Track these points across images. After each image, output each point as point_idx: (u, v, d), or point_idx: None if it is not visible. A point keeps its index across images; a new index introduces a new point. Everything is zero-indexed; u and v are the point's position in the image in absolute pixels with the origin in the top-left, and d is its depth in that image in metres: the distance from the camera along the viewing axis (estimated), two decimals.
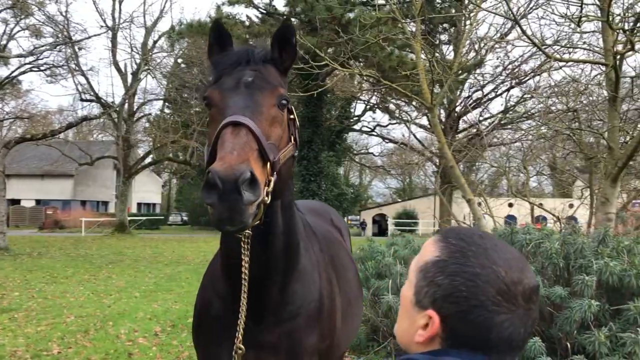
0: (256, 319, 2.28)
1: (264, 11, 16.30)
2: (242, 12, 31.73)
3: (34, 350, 7.06)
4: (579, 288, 4.95)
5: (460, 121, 33.11)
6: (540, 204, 14.11)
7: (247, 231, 1.91)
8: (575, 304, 4.87)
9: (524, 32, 6.22)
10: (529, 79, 29.22)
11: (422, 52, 7.98)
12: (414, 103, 35.14)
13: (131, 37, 43.29)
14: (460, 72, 9.11)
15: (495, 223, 8.85)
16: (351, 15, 12.35)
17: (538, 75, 28.55)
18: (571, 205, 16.62)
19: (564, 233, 5.98)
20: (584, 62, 7.63)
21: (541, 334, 5.16)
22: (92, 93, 33.24)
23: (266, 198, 1.73)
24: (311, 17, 13.38)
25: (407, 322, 1.20)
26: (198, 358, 2.53)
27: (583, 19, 5.99)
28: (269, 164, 1.78)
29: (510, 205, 22.25)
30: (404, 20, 7.77)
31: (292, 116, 2.14)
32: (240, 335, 2.08)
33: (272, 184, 1.78)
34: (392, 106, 38.15)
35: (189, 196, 52.20)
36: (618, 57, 7.03)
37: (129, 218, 36.75)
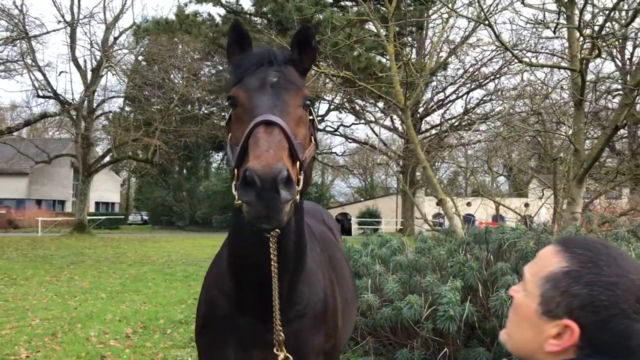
0: (263, 318, 2.28)
1: (230, 10, 16.14)
2: (205, 10, 31.77)
3: (1, 355, 6.85)
4: None
5: (423, 122, 33.55)
6: (500, 204, 14.47)
7: (276, 230, 1.91)
8: None
9: (497, 37, 6.37)
10: (489, 82, 29.91)
11: (396, 54, 8.07)
12: (379, 104, 35.56)
13: (91, 33, 42.32)
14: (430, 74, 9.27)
15: (463, 222, 9.03)
16: (321, 16, 12.36)
17: (497, 78, 29.31)
18: (526, 205, 17.09)
19: (537, 232, 6.15)
20: (555, 67, 7.86)
21: None
22: (49, 90, 32.31)
23: (297, 197, 1.74)
24: (281, 18, 13.33)
25: (530, 332, 1.21)
26: (201, 358, 2.50)
27: (559, 26, 6.17)
28: (298, 163, 1.80)
29: (469, 204, 22.73)
30: (379, 23, 7.82)
31: (311, 117, 2.15)
32: (278, 324, 2.09)
33: (300, 183, 1.80)
34: (357, 107, 38.45)
35: (150, 195, 51.33)
36: (584, 62, 7.28)
37: (88, 217, 35.89)
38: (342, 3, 16.57)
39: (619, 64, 15.71)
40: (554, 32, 6.59)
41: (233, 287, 2.31)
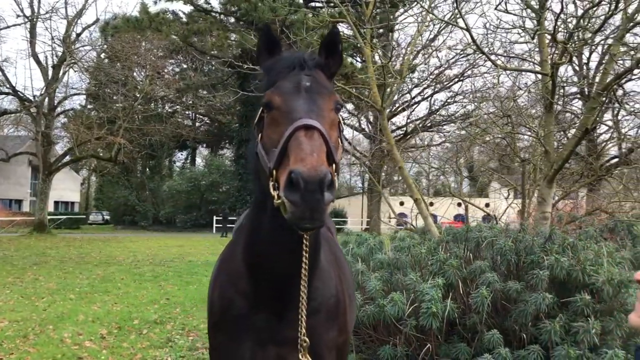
0: (279, 315, 2.33)
1: (200, 8, 16.02)
2: (175, 8, 31.21)
3: None
4: (534, 282, 5.29)
5: (389, 123, 33.88)
6: (470, 203, 14.78)
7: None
8: (531, 297, 5.20)
9: (474, 40, 6.54)
10: (453, 84, 30.43)
11: (373, 55, 8.17)
12: (348, 105, 35.74)
13: (52, 28, 41.21)
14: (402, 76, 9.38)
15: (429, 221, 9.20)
16: (295, 17, 12.38)
17: (461, 80, 29.87)
18: (487, 205, 17.48)
19: (514, 231, 6.34)
20: (528, 71, 8.11)
21: (497, 327, 5.46)
22: (8, 86, 31.38)
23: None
24: (254, 18, 13.31)
25: None
26: (214, 357, 2.52)
27: (538, 32, 6.38)
28: (334, 165, 1.85)
29: (432, 204, 23.12)
30: (360, 25, 7.90)
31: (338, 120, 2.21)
32: (303, 329, 2.14)
33: (335, 184, 1.85)
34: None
35: (112, 195, 50.37)
36: (555, 67, 7.53)
37: (48, 217, 34.99)
38: (312, 4, 16.62)
39: (577, 68, 16.21)
40: (532, 38, 6.80)
41: (249, 285, 2.35)
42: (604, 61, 13.28)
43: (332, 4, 15.55)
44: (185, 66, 46.47)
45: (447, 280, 5.56)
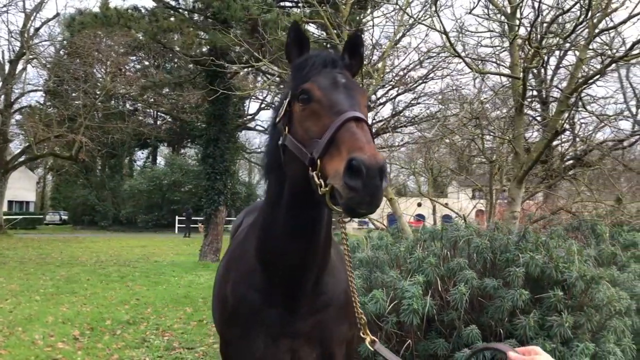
0: (292, 308, 2.40)
1: (168, 5, 15.86)
2: (139, 5, 30.57)
3: None
4: (510, 279, 5.47)
5: None
6: (438, 203, 15.08)
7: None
8: (508, 293, 5.38)
9: (451, 44, 6.71)
10: (417, 86, 30.78)
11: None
12: None
13: (9, 22, 39.97)
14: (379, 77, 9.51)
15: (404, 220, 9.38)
16: (268, 16, 12.40)
17: (425, 82, 30.26)
18: (446, 205, 17.80)
19: (489, 229, 6.53)
20: (502, 75, 8.34)
21: (474, 322, 5.62)
22: None
23: None
24: (227, 16, 13.25)
25: None
26: (228, 351, 2.55)
27: (516, 37, 6.60)
28: None
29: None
30: (345, 27, 8.00)
31: None
32: (359, 309, 2.21)
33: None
34: None
35: (70, 194, 49.18)
36: (526, 70, 7.77)
37: (3, 217, 33.92)
38: (283, 3, 16.66)
39: (535, 72, 16.70)
40: (511, 43, 7.02)
41: (263, 281, 2.40)
42: (561, 65, 13.78)
43: (302, 4, 15.60)
44: (147, 63, 45.77)
45: (427, 278, 5.70)
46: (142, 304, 10.47)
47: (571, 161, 12.65)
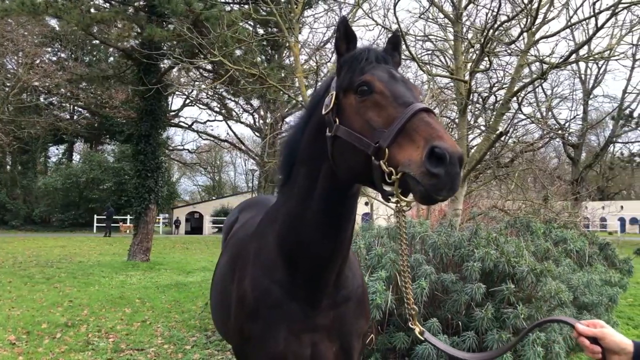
0: (313, 302, 2.41)
1: None
2: None
3: None
4: (467, 273, 5.71)
5: (284, 122, 34.15)
6: (376, 199, 15.38)
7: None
8: (466, 287, 5.62)
9: (407, 48, 6.91)
10: None
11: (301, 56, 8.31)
12: (241, 103, 35.52)
13: None
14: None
15: None
16: (210, 12, 12.10)
17: None
18: (366, 204, 18.32)
19: (444, 227, 6.77)
20: (451, 77, 8.64)
21: (431, 316, 5.82)
22: None
23: None
24: (167, 10, 12.86)
25: None
26: (248, 347, 2.51)
27: (474, 43, 6.87)
28: None
29: None
30: (301, 27, 8.01)
31: None
32: (411, 299, 2.22)
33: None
34: (218, 105, 38.03)
35: None
36: (472, 74, 8.12)
37: None
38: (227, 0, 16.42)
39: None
40: (472, 47, 7.32)
41: (285, 275, 2.40)
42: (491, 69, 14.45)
43: (242, 2, 15.46)
44: (63, 55, 43.62)
45: (387, 273, 5.85)
46: (77, 305, 10.02)
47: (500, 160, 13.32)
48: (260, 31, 16.17)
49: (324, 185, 2.24)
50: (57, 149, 55.51)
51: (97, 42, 34.94)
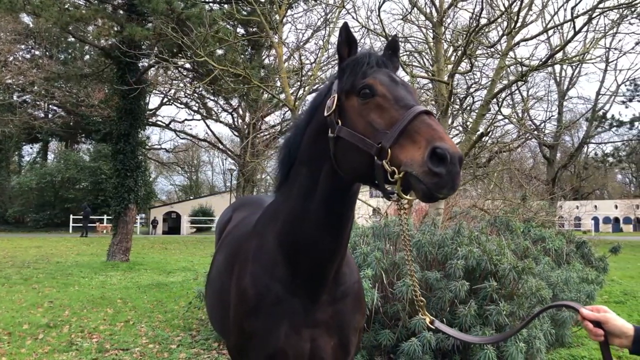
0: (314, 298, 2.48)
1: None
2: None
3: None
4: (451, 271, 5.83)
5: (263, 121, 34.13)
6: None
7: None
8: (450, 284, 5.73)
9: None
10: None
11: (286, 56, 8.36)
12: (220, 102, 35.37)
13: None
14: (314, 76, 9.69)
15: None
16: (191, 11, 12.06)
17: None
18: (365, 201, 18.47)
19: (427, 226, 6.88)
20: (432, 79, 8.77)
21: (416, 313, 5.92)
22: None
23: None
24: (148, 9, 12.76)
25: None
26: (249, 344, 2.55)
27: (458, 47, 7.01)
28: None
29: None
30: (288, 29, 8.06)
31: None
32: (418, 291, 2.29)
33: None
34: (198, 104, 37.83)
35: None
36: (453, 75, 8.26)
37: None
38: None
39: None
40: (456, 49, 7.45)
41: (286, 272, 2.46)
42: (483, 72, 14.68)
43: (223, 2, 15.41)
44: (38, 53, 42.94)
45: (372, 271, 5.93)
46: (57, 306, 9.92)
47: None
48: (241, 31, 16.20)
49: (325, 185, 2.31)
50: (31, 148, 54.68)
51: (73, 39, 34.59)
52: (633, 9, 9.52)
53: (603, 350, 1.94)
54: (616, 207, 60.23)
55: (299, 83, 13.19)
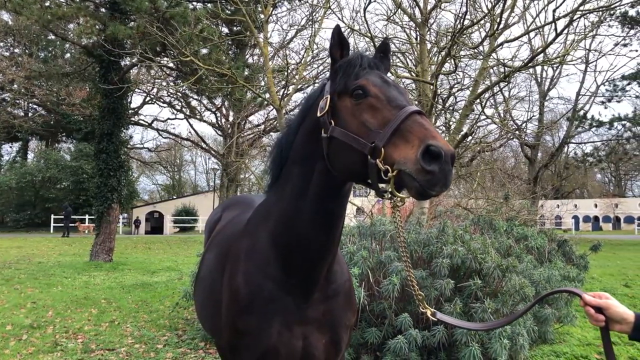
0: (306, 296, 2.52)
1: None
2: None
3: None
4: (437, 270, 5.90)
5: (247, 121, 34.07)
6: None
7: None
8: (435, 282, 5.80)
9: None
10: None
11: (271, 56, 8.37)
12: (204, 101, 35.21)
13: None
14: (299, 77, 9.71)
15: None
16: (175, 10, 11.99)
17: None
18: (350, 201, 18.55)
19: (412, 224, 6.95)
20: (417, 80, 8.84)
21: (402, 311, 5.99)
22: None
23: None
24: (131, 8, 12.67)
25: None
26: (242, 342, 2.57)
27: (442, 48, 7.08)
28: None
29: None
30: (273, 28, 8.07)
31: None
32: (416, 287, 2.33)
33: None
34: (180, 103, 37.63)
35: None
36: (437, 76, 8.34)
37: None
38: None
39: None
40: (440, 50, 7.53)
41: (278, 270, 2.49)
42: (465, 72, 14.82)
43: (206, 1, 15.33)
44: (17, 51, 42.41)
45: (359, 270, 5.99)
46: (41, 307, 9.84)
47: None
48: (225, 30, 16.16)
49: (318, 184, 2.35)
50: (10, 147, 53.95)
51: (53, 37, 34.23)
52: (612, 12, 9.70)
53: (603, 335, 2.02)
54: (596, 206, 61.19)
55: (284, 82, 13.34)
